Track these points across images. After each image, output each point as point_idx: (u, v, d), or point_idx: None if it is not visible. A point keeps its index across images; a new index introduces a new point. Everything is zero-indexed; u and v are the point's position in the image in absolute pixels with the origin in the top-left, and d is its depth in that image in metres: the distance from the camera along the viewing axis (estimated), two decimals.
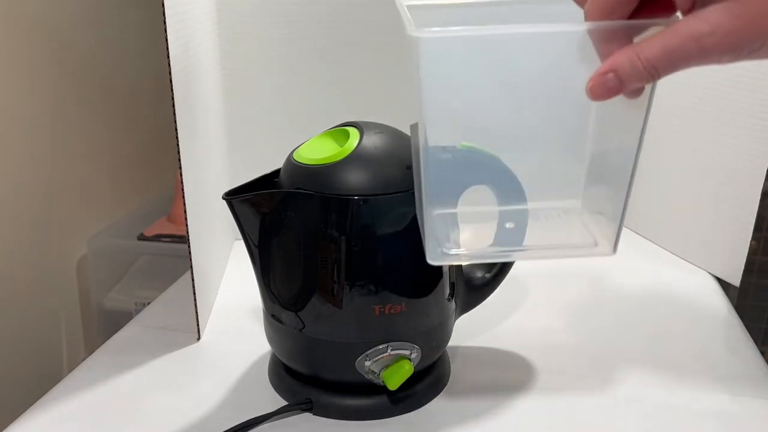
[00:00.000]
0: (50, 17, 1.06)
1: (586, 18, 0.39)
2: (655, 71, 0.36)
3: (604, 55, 0.38)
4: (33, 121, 1.03)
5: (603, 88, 0.37)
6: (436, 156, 0.44)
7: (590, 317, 0.69)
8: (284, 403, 0.55)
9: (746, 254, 0.72)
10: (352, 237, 0.50)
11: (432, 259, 0.45)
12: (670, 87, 0.81)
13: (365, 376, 0.52)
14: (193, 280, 0.61)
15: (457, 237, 0.50)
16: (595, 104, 0.42)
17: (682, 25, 0.35)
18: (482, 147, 0.58)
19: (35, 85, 1.03)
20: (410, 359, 0.53)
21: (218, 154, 0.78)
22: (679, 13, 0.37)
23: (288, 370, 0.57)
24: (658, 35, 0.35)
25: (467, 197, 0.57)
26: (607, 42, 0.38)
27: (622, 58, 0.36)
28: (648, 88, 0.39)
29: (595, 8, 0.39)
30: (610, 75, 0.36)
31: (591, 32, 0.39)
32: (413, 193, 0.50)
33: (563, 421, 0.54)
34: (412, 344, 0.52)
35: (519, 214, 0.52)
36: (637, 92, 0.39)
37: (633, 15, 0.39)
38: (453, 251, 0.47)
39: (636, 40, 0.38)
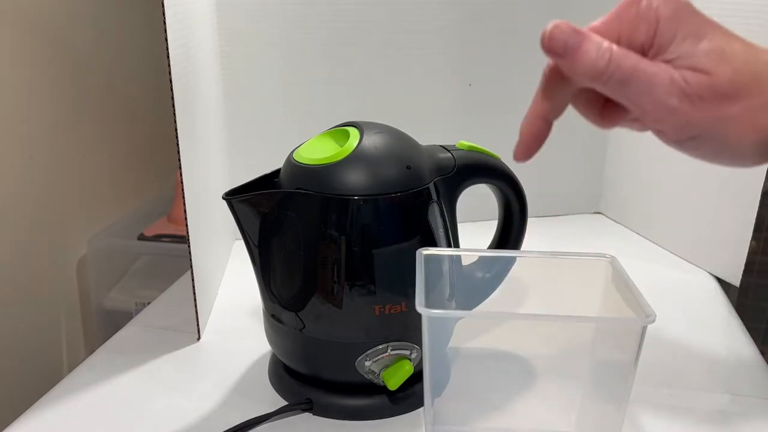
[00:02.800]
0: (50, 17, 1.06)
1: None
2: (611, 73, 0.35)
3: None
4: (33, 121, 1.03)
5: (561, 41, 0.35)
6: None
7: None
8: (284, 403, 0.55)
9: (746, 254, 0.72)
10: (352, 237, 0.50)
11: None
12: None
13: (365, 376, 0.52)
14: (193, 280, 0.61)
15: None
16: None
17: (668, 68, 0.34)
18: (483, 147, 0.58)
19: (35, 85, 1.03)
20: (410, 359, 0.53)
21: (218, 154, 0.78)
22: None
23: (288, 370, 0.57)
24: (637, 55, 0.35)
25: (467, 199, 0.57)
26: None
27: (599, 39, 0.35)
28: (636, 337, 0.41)
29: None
30: (577, 37, 0.35)
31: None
32: (413, 193, 0.51)
33: (563, 421, 0.53)
34: (412, 344, 0.52)
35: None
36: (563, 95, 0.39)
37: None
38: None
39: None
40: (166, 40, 0.54)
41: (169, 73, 0.55)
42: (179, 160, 0.58)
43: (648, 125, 0.37)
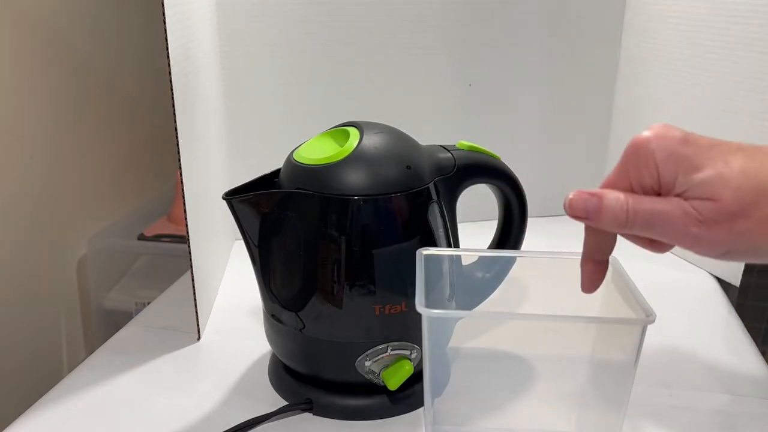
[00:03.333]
0: (50, 17, 1.06)
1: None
2: (632, 222, 0.38)
3: None
4: (32, 121, 1.03)
5: (582, 206, 0.39)
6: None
7: None
8: (284, 403, 0.55)
9: None
10: (352, 237, 0.50)
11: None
12: (670, 87, 0.81)
13: (365, 376, 0.52)
14: (193, 280, 0.61)
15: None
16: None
17: (679, 203, 0.37)
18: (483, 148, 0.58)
19: (35, 85, 1.03)
20: (410, 359, 0.53)
21: (218, 154, 0.78)
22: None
23: (288, 370, 0.57)
24: (651, 198, 0.38)
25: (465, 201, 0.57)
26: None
27: (614, 195, 0.39)
28: (636, 337, 0.42)
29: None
30: (595, 200, 0.39)
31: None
32: (413, 193, 0.51)
33: (563, 421, 0.53)
34: (412, 344, 0.52)
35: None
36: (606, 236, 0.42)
37: None
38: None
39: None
40: (166, 40, 0.54)
41: (169, 73, 0.55)
42: (179, 160, 0.58)
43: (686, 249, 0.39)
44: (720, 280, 0.77)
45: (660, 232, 0.38)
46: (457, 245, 0.57)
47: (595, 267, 0.43)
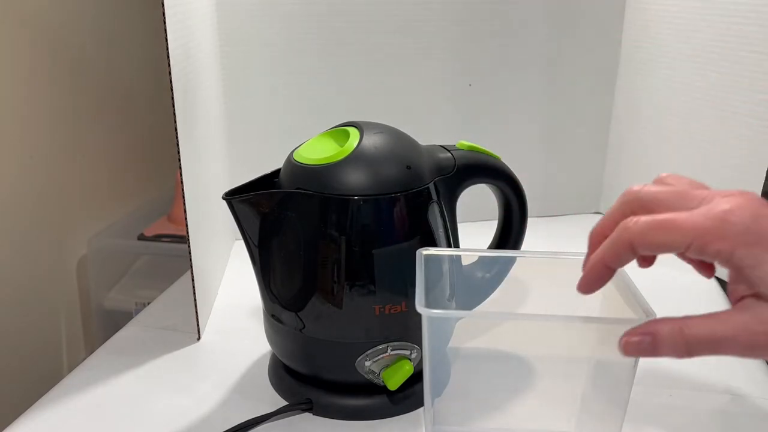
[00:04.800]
0: (50, 17, 1.06)
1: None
2: (693, 351, 0.35)
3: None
4: (32, 121, 1.03)
5: (636, 348, 0.36)
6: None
7: None
8: (284, 403, 0.55)
9: None
10: (352, 237, 0.50)
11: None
12: (670, 87, 0.81)
13: (365, 376, 0.52)
14: (193, 280, 0.61)
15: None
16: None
17: (735, 317, 0.34)
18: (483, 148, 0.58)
19: (35, 85, 1.03)
20: (410, 359, 0.53)
21: (218, 154, 0.78)
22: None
23: (288, 370, 0.57)
24: (706, 318, 0.35)
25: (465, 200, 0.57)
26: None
27: (666, 327, 0.35)
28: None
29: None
30: (648, 338, 0.36)
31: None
32: (413, 193, 0.50)
33: (563, 421, 0.53)
34: (412, 344, 0.52)
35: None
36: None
37: None
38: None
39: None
40: (166, 40, 0.54)
41: (169, 73, 0.55)
42: (179, 160, 0.58)
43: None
44: (720, 280, 0.77)
45: (725, 351, 0.34)
46: (457, 245, 0.57)
47: (603, 271, 0.39)
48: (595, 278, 0.39)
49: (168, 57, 0.55)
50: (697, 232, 0.33)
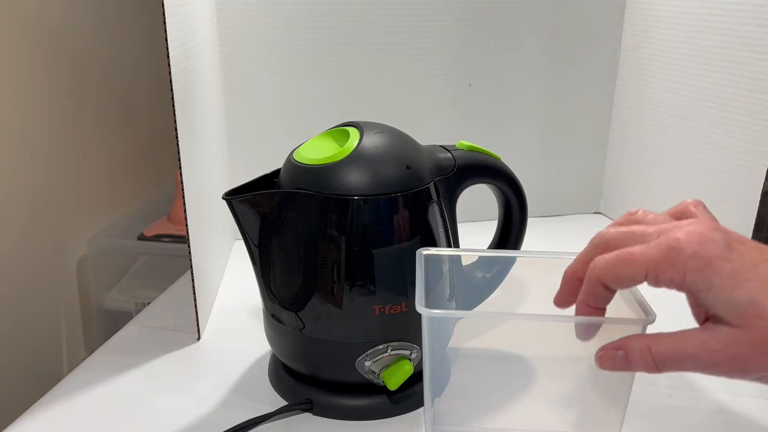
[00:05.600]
0: (50, 17, 1.06)
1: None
2: (661, 366, 0.36)
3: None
4: (32, 121, 1.03)
5: (611, 362, 0.38)
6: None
7: None
8: (284, 403, 0.55)
9: None
10: (352, 237, 0.50)
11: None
12: (670, 87, 0.81)
13: (365, 376, 0.52)
14: (193, 280, 0.61)
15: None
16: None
17: (697, 335, 0.36)
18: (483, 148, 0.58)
19: (35, 84, 1.03)
20: (410, 359, 0.53)
21: (218, 154, 0.78)
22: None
23: (288, 370, 0.57)
24: (671, 336, 0.36)
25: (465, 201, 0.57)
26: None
27: (635, 345, 0.37)
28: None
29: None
30: (621, 353, 0.38)
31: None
32: (413, 193, 0.50)
33: (563, 421, 0.53)
34: (412, 344, 0.52)
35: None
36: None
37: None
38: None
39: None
40: (166, 40, 0.54)
41: (169, 73, 0.55)
42: (179, 160, 0.58)
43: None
44: None
45: (691, 368, 0.36)
46: (457, 245, 0.57)
47: (589, 312, 0.40)
48: (586, 323, 0.40)
49: (168, 57, 0.55)
50: (650, 263, 0.35)
